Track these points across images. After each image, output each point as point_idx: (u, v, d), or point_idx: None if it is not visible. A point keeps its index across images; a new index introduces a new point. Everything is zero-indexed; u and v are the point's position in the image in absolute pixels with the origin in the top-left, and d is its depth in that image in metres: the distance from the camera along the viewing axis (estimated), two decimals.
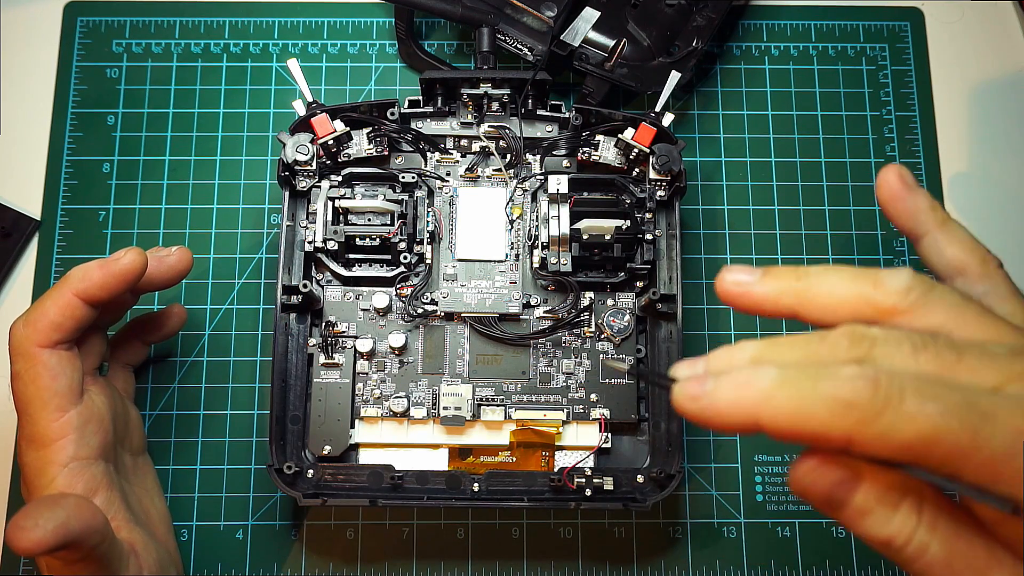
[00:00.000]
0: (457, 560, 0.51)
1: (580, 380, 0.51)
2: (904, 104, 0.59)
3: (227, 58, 0.59)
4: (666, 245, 0.50)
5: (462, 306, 0.51)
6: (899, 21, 0.61)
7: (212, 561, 0.51)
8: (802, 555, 0.52)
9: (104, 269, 0.43)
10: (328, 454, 0.49)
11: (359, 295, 0.52)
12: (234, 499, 0.52)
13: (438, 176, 0.53)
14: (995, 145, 0.59)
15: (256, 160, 0.57)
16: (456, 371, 0.51)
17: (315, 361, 0.51)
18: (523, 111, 0.52)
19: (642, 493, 0.49)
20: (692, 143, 0.58)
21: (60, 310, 0.42)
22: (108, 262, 0.43)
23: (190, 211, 0.57)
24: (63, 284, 0.43)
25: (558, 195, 0.50)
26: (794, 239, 0.57)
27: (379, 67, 0.60)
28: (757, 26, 0.61)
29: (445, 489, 0.49)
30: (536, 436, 0.50)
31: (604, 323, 0.51)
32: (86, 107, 0.58)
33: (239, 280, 0.56)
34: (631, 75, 0.54)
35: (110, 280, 0.43)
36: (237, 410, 0.54)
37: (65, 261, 0.55)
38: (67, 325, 0.42)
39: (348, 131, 0.51)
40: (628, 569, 0.52)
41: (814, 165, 0.58)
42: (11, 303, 0.55)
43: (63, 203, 0.56)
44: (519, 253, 0.53)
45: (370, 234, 0.50)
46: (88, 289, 0.42)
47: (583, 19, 0.55)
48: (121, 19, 0.60)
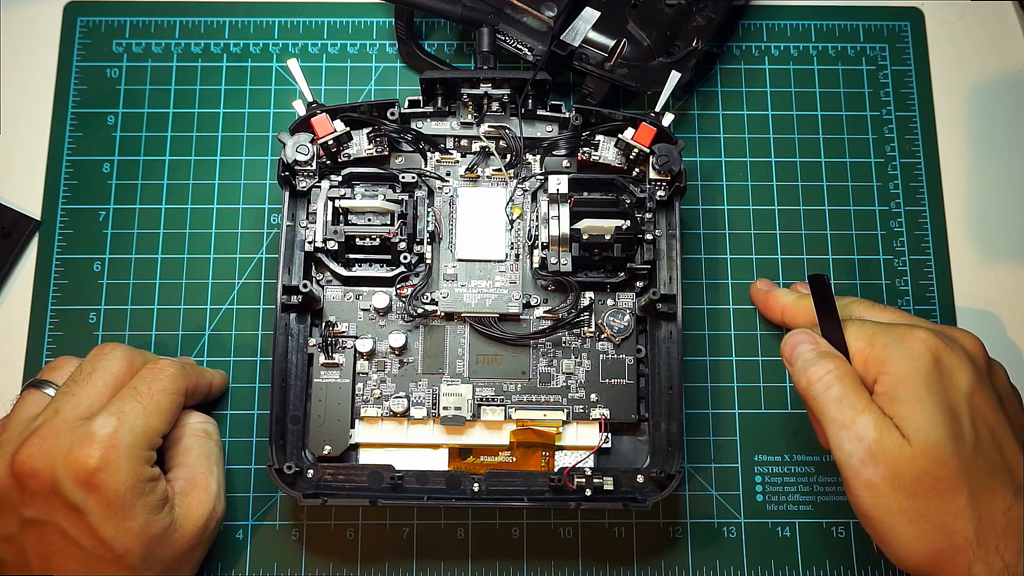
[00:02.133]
0: (457, 560, 0.51)
1: (580, 380, 0.51)
2: (904, 104, 0.59)
3: (227, 58, 0.59)
4: (666, 245, 0.50)
5: (462, 306, 0.52)
6: (899, 21, 0.61)
7: (212, 561, 0.51)
8: (802, 555, 0.52)
9: (223, 380, 0.53)
10: (328, 454, 0.49)
11: (359, 295, 0.52)
12: (234, 499, 0.52)
13: (438, 176, 0.53)
14: (995, 145, 0.59)
15: (256, 160, 0.57)
16: (456, 371, 0.51)
17: (315, 361, 0.51)
18: (523, 111, 0.52)
19: (642, 493, 0.49)
20: (692, 143, 0.58)
21: (203, 385, 0.50)
22: (224, 379, 0.53)
23: (190, 211, 0.57)
24: (207, 371, 0.52)
25: (558, 195, 0.50)
26: (794, 239, 0.57)
27: (379, 67, 0.60)
28: (757, 26, 0.61)
29: (445, 489, 0.49)
30: (536, 436, 0.50)
31: (604, 323, 0.51)
32: (86, 107, 0.58)
33: (239, 280, 0.56)
34: (631, 75, 0.54)
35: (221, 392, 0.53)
36: (237, 410, 0.54)
37: (65, 261, 0.55)
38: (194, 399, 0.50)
39: (348, 131, 0.51)
40: (628, 569, 0.52)
41: (814, 165, 0.58)
42: (11, 303, 0.55)
43: (63, 203, 0.56)
44: (519, 253, 0.53)
45: (370, 234, 0.50)
46: (214, 390, 0.52)
47: (583, 19, 0.55)
48: (121, 19, 0.60)
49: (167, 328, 0.55)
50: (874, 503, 0.40)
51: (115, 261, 0.56)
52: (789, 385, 0.54)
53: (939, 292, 0.56)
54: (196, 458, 0.48)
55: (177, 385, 0.46)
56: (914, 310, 0.56)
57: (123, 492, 0.42)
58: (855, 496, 0.41)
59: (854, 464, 0.40)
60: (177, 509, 0.45)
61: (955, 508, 0.39)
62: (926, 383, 0.40)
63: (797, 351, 0.44)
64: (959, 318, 0.56)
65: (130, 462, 0.42)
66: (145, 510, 0.43)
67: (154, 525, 0.43)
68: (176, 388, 0.46)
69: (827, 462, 0.53)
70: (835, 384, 0.41)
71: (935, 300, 0.56)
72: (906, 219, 0.57)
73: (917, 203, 0.58)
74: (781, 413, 0.54)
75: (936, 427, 0.39)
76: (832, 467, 0.53)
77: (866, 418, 0.40)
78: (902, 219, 0.57)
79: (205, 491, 0.47)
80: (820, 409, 0.42)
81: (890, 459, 0.39)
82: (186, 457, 0.48)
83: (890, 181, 0.58)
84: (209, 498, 0.47)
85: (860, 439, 0.40)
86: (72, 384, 0.45)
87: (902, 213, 0.57)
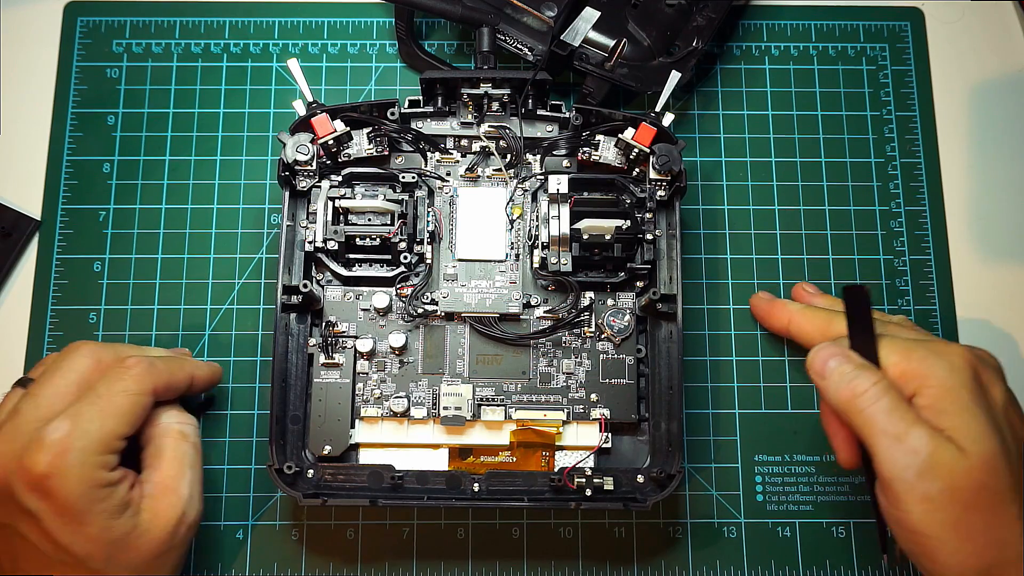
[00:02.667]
0: (457, 560, 0.51)
1: (580, 380, 0.51)
2: (904, 104, 0.59)
3: (227, 58, 0.59)
4: (666, 245, 0.50)
5: (462, 306, 0.51)
6: (899, 21, 0.61)
7: (212, 561, 0.51)
8: (802, 555, 0.52)
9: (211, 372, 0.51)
10: (328, 454, 0.49)
11: (359, 295, 0.52)
12: (234, 499, 0.52)
13: (438, 176, 0.53)
14: (995, 145, 0.59)
15: (256, 160, 0.57)
16: (456, 371, 0.51)
17: (315, 361, 0.51)
18: (523, 111, 0.52)
19: (642, 493, 0.49)
20: (692, 143, 0.58)
21: (179, 380, 0.47)
22: (215, 371, 0.51)
23: (190, 211, 0.57)
24: (187, 363, 0.49)
25: (558, 195, 0.50)
26: (794, 239, 0.57)
27: (379, 67, 0.60)
28: (757, 26, 0.61)
29: (445, 489, 0.49)
30: (536, 436, 0.50)
31: (604, 323, 0.51)
32: (86, 107, 0.58)
33: (239, 280, 0.56)
34: (631, 75, 0.54)
35: (210, 385, 0.51)
36: (237, 410, 0.54)
37: (65, 261, 0.55)
38: (169, 394, 0.47)
39: (348, 131, 0.51)
40: (628, 569, 0.52)
41: (814, 165, 0.58)
42: (11, 303, 0.55)
43: (63, 203, 0.56)
44: (519, 253, 0.53)
45: (370, 234, 0.50)
46: (197, 384, 0.49)
47: (583, 19, 0.55)
48: (121, 19, 0.60)
49: (167, 328, 0.55)
50: (929, 518, 0.39)
51: (115, 261, 0.56)
52: (789, 385, 0.54)
53: (939, 292, 0.56)
54: (168, 460, 0.45)
55: (141, 385, 0.44)
56: (914, 310, 0.56)
57: (76, 498, 0.40)
58: (906, 511, 0.39)
59: (909, 478, 0.39)
60: (144, 513, 0.43)
61: (1007, 521, 0.38)
62: (972, 396, 0.40)
63: (830, 364, 0.43)
64: (959, 318, 0.56)
65: (83, 468, 0.41)
66: (103, 515, 0.41)
67: (113, 530, 0.42)
68: (139, 388, 0.44)
69: (827, 462, 0.53)
70: (884, 396, 0.40)
71: (935, 300, 0.56)
72: (906, 219, 0.57)
73: (917, 203, 0.58)
74: (781, 413, 0.54)
75: (989, 439, 0.39)
76: (832, 467, 0.53)
77: (919, 430, 0.39)
78: (902, 219, 0.57)
79: (175, 495, 0.44)
80: (867, 422, 0.40)
81: (947, 472, 0.38)
82: (158, 459, 0.45)
83: (890, 181, 0.58)
84: (179, 502, 0.44)
85: (916, 452, 0.39)
86: (35, 385, 0.44)
87: (902, 213, 0.57)
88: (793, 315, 0.52)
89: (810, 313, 0.51)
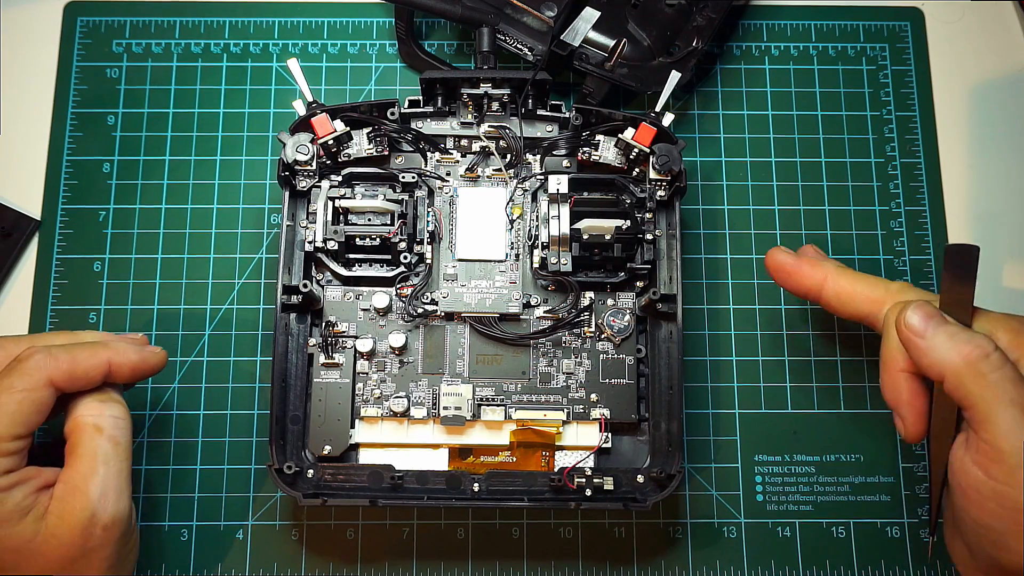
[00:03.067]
0: (457, 560, 0.51)
1: (580, 380, 0.51)
2: (904, 104, 0.59)
3: (227, 58, 0.59)
4: (666, 245, 0.50)
5: (462, 306, 0.51)
6: (899, 21, 0.61)
7: (212, 561, 0.51)
8: (802, 555, 0.52)
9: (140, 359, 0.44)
10: (328, 454, 0.49)
11: (359, 295, 0.52)
12: (234, 499, 0.52)
13: (438, 176, 0.53)
14: (995, 145, 0.59)
15: (256, 160, 0.57)
16: (456, 371, 0.51)
17: (315, 361, 0.51)
18: (523, 111, 0.52)
19: (642, 493, 0.49)
20: (692, 143, 0.58)
21: (88, 368, 0.42)
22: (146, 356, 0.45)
23: (190, 211, 0.57)
24: (102, 348, 0.43)
25: (558, 195, 0.50)
26: (794, 239, 0.57)
27: (379, 67, 0.60)
28: (757, 26, 0.61)
29: (445, 489, 0.49)
30: (536, 436, 0.50)
31: (604, 323, 0.51)
32: (86, 107, 0.58)
33: (239, 280, 0.56)
34: (631, 75, 0.54)
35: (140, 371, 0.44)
36: (237, 410, 0.54)
37: (65, 261, 0.55)
38: (78, 384, 0.42)
39: (348, 131, 0.51)
40: (628, 569, 0.52)
41: (814, 165, 0.58)
42: (11, 303, 0.55)
43: (63, 203, 0.56)
44: (519, 253, 0.53)
45: (370, 234, 0.50)
46: (119, 370, 0.43)
47: (583, 19, 0.55)
48: (121, 19, 0.60)
49: (167, 328, 0.55)
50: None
51: (115, 261, 0.56)
52: (789, 385, 0.54)
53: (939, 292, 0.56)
54: (79, 457, 0.41)
55: (31, 380, 0.40)
56: None
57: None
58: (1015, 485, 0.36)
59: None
60: (50, 516, 0.40)
61: None
62: None
63: (931, 323, 0.39)
64: None
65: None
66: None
67: (12, 538, 0.39)
68: (29, 384, 0.40)
69: (827, 462, 0.53)
70: (1006, 364, 0.37)
71: None
72: (906, 219, 0.57)
73: (917, 203, 0.58)
74: (781, 413, 0.54)
75: None
76: (832, 467, 0.53)
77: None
78: (902, 219, 0.57)
79: (83, 495, 0.40)
80: (990, 388, 0.37)
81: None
82: (69, 456, 0.42)
83: (890, 181, 0.58)
84: (87, 503, 0.40)
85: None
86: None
87: (902, 213, 0.57)
88: (832, 274, 0.46)
89: (855, 275, 0.45)
